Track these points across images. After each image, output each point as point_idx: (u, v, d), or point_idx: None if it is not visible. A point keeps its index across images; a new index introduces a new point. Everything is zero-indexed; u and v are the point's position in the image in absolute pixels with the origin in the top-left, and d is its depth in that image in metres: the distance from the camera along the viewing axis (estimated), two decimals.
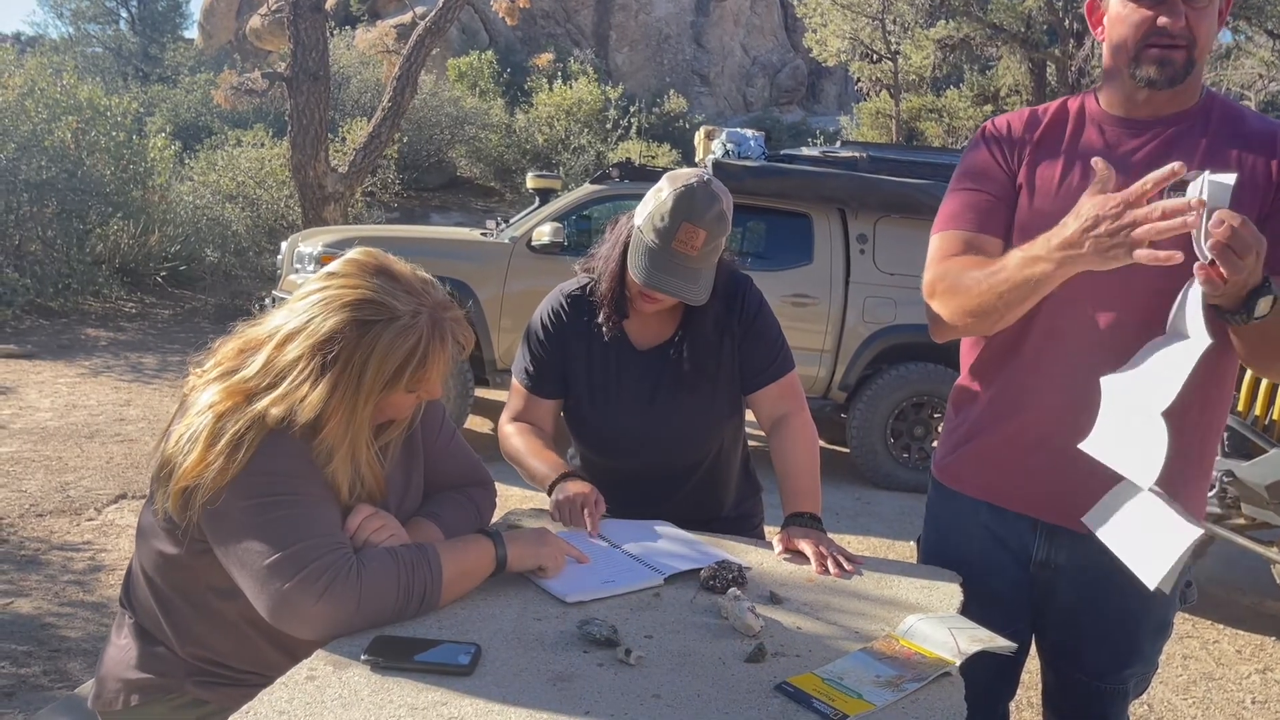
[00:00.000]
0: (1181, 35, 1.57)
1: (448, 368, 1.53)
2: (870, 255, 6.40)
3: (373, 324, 1.43)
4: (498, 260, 6.29)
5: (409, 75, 11.63)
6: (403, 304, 1.45)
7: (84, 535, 4.30)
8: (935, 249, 1.78)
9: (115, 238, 10.97)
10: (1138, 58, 1.61)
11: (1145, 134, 1.66)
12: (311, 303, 1.44)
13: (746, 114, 27.89)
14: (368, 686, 1.22)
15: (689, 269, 1.87)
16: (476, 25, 25.45)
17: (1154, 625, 1.82)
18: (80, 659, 3.12)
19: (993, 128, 1.81)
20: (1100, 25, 1.70)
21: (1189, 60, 1.59)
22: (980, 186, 1.76)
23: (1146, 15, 1.58)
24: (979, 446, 1.81)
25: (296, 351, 1.41)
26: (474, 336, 1.62)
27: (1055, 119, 1.76)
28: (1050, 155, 1.72)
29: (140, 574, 1.57)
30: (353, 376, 1.42)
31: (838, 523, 5.41)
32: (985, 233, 1.73)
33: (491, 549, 1.53)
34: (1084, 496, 1.61)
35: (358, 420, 1.45)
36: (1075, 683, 1.86)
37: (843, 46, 19.36)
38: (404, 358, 1.44)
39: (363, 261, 1.50)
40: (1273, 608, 4.55)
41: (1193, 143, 1.64)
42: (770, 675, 1.32)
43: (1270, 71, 16.33)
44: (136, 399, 7.08)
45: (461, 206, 18.57)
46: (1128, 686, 1.85)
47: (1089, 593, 1.78)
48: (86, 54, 30.37)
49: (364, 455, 1.48)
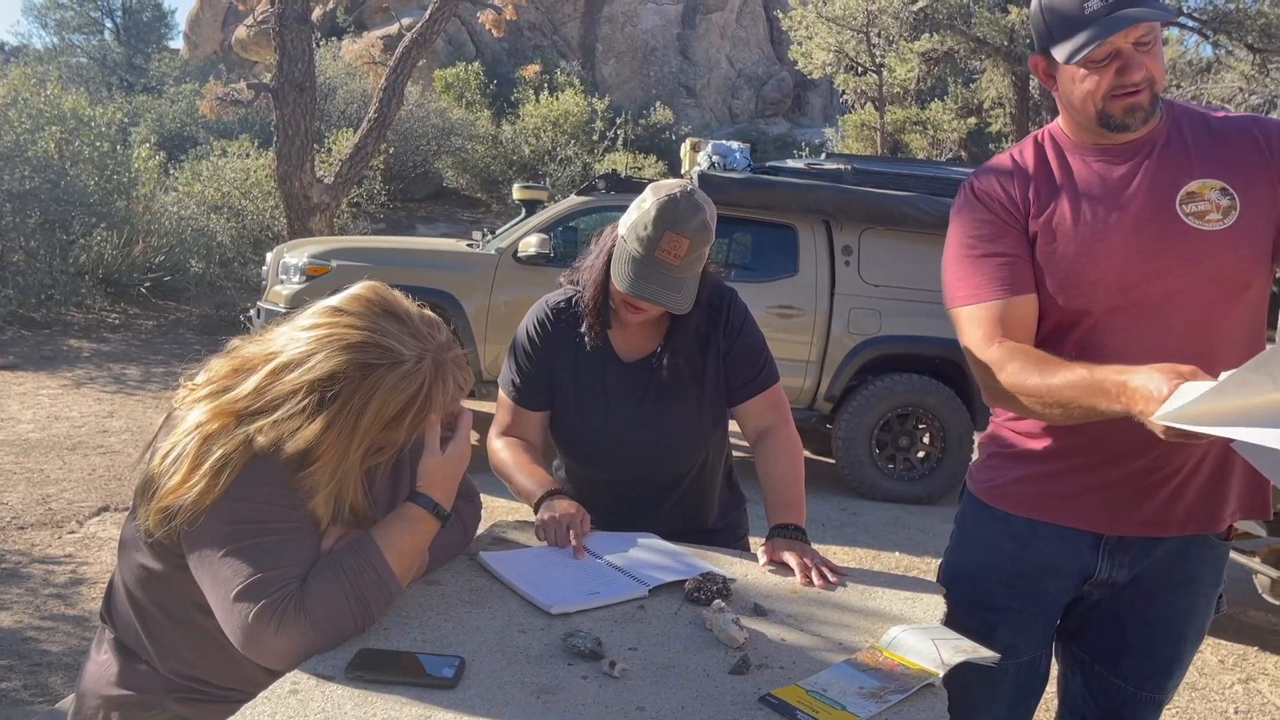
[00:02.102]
0: (1144, 81, 1.58)
1: (449, 409, 1.53)
2: (855, 267, 6.42)
3: (375, 368, 1.41)
4: (484, 271, 6.29)
5: (395, 86, 11.64)
6: (408, 349, 1.44)
7: (65, 548, 4.27)
8: (975, 327, 1.71)
9: (99, 248, 10.91)
10: (1104, 111, 1.62)
11: (1132, 158, 1.67)
12: (315, 337, 1.42)
13: (732, 126, 27.97)
14: (350, 701, 1.22)
15: (672, 278, 1.88)
16: (463, 37, 25.48)
17: (1195, 633, 1.83)
18: (61, 673, 3.10)
19: (985, 189, 1.75)
20: (1050, 80, 1.69)
21: (1153, 97, 1.61)
22: (998, 250, 1.70)
23: (1104, 76, 1.59)
24: (1037, 468, 1.77)
25: (294, 384, 1.40)
26: (473, 377, 1.62)
27: (1038, 161, 1.74)
28: (1054, 197, 1.70)
29: (122, 588, 1.55)
30: (350, 417, 1.40)
31: (823, 533, 5.42)
32: (1020, 294, 1.68)
33: (419, 509, 1.50)
34: (1152, 504, 1.67)
35: (350, 459, 1.43)
36: (1111, 691, 1.86)
37: (828, 59, 19.43)
38: (405, 402, 1.43)
39: (369, 299, 1.48)
40: (1255, 618, 4.58)
41: (1179, 155, 1.66)
42: (755, 687, 1.32)
43: (1250, 85, 16.48)
44: (119, 410, 7.04)
45: (448, 217, 18.55)
46: (1166, 695, 1.85)
47: (1141, 601, 1.79)
48: (71, 64, 30.23)
49: (350, 490, 1.47)
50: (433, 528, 1.51)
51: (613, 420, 2.06)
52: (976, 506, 1.88)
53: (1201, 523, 1.73)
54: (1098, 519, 1.73)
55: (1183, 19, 16.40)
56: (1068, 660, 1.93)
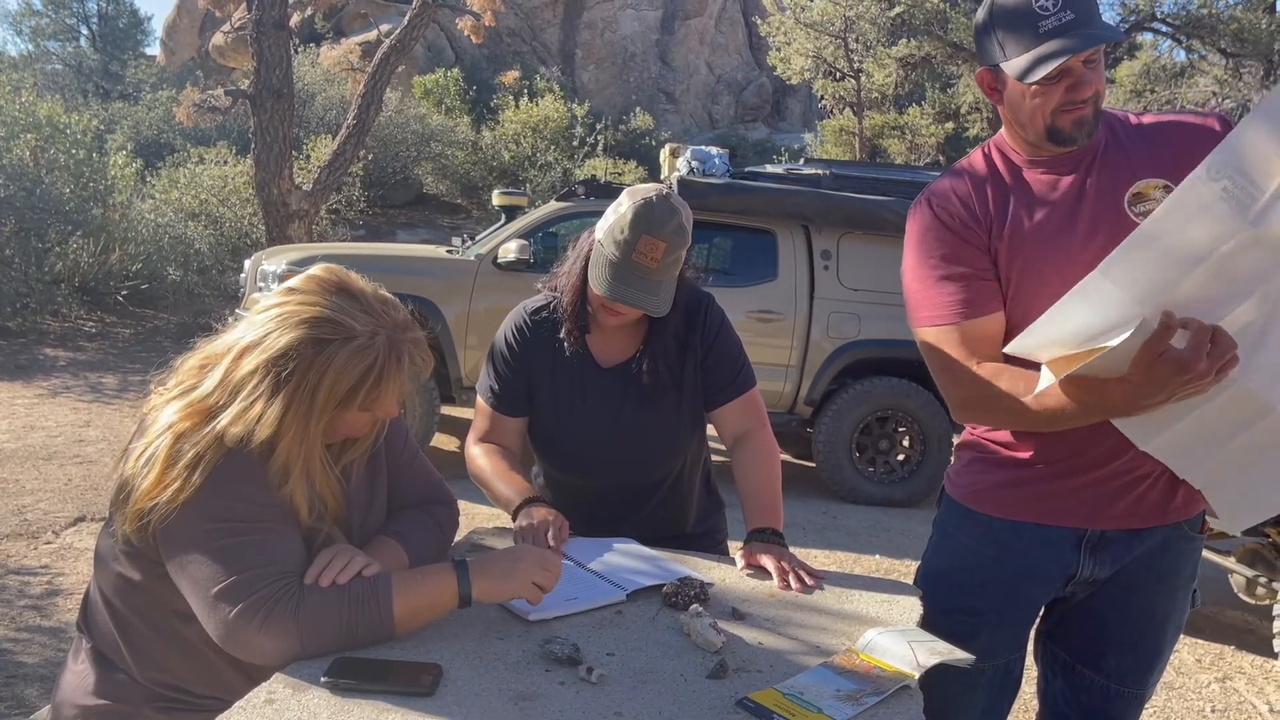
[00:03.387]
0: (1092, 96, 1.61)
1: (404, 389, 1.51)
2: (834, 271, 6.45)
3: (328, 343, 1.41)
4: (464, 277, 6.28)
5: (374, 92, 11.60)
6: (360, 324, 1.44)
7: (41, 559, 4.23)
8: (943, 349, 1.72)
9: (75, 256, 10.80)
10: (1053, 126, 1.64)
11: (1076, 168, 1.69)
12: (269, 317, 1.43)
13: (712, 131, 28.03)
14: (327, 709, 1.21)
15: (650, 281, 1.89)
16: (442, 43, 25.43)
17: (1174, 627, 1.86)
18: (37, 685, 3.07)
19: (943, 207, 1.75)
20: (995, 94, 1.71)
21: (1096, 110, 1.64)
22: (960, 271, 1.71)
23: (1052, 92, 1.61)
24: (1018, 472, 1.79)
25: (251, 365, 1.40)
26: (433, 359, 1.61)
27: (990, 173, 1.75)
28: (1010, 209, 1.71)
29: (99, 598, 1.55)
30: (306, 394, 1.40)
31: (804, 536, 5.43)
32: (986, 314, 1.70)
33: (454, 584, 1.45)
34: (1132, 496, 1.72)
35: (310, 438, 1.43)
36: (1094, 689, 1.87)
37: (806, 65, 19.52)
38: (358, 378, 1.43)
39: (323, 278, 1.48)
40: (1231, 617, 4.62)
41: (1120, 159, 1.68)
42: (732, 691, 1.33)
43: (1223, 89, 16.66)
44: (96, 420, 6.98)
45: (427, 223, 18.50)
46: (1147, 690, 1.87)
47: (1122, 596, 1.81)
48: (46, 71, 30.01)
49: (319, 474, 1.47)
50: (451, 601, 1.45)
51: (591, 425, 2.07)
52: (958, 511, 1.89)
53: (1179, 510, 1.76)
54: (1079, 514, 1.75)
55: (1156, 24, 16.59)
56: (1048, 661, 1.95)
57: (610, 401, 2.07)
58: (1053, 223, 1.68)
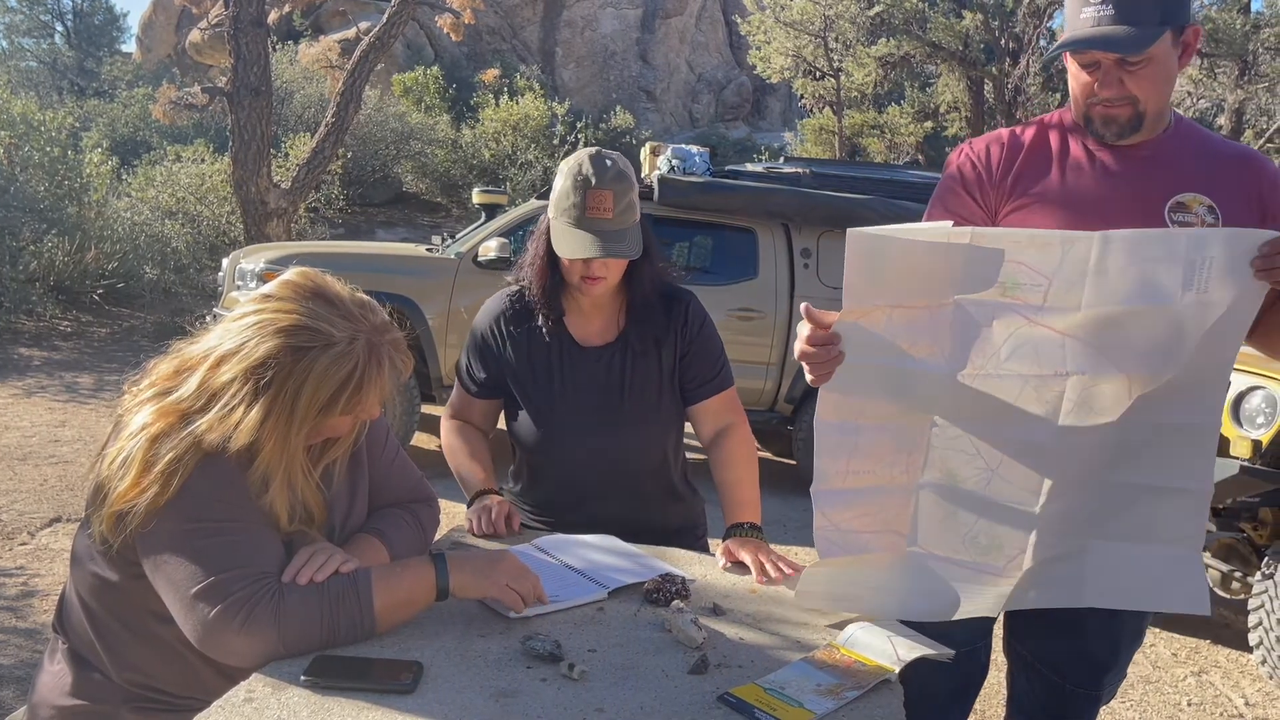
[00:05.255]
0: (1120, 98, 1.61)
1: (385, 391, 1.50)
2: (814, 269, 6.47)
3: (307, 350, 1.40)
4: (443, 276, 6.26)
5: (353, 90, 11.55)
6: (339, 329, 1.42)
7: (16, 560, 4.19)
8: None
9: (50, 255, 10.68)
10: (1088, 114, 1.66)
11: (1132, 158, 1.70)
12: (246, 325, 1.41)
13: (692, 130, 28.05)
14: (307, 708, 1.21)
15: (611, 231, 1.93)
16: (421, 40, 25.32)
17: (1130, 633, 1.86)
18: (13, 686, 3.04)
19: (968, 155, 1.80)
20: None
21: (1135, 115, 1.63)
22: (946, 208, 1.78)
23: (1087, 81, 1.62)
24: None
25: (230, 374, 1.38)
26: (413, 359, 1.60)
27: (1036, 139, 1.77)
28: (1045, 170, 1.73)
29: (75, 599, 1.53)
30: (286, 402, 1.39)
31: (784, 533, 5.45)
32: None
33: (432, 576, 1.46)
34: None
35: (292, 446, 1.42)
36: (1052, 688, 1.89)
37: (786, 64, 19.56)
38: (339, 385, 1.41)
39: (298, 284, 1.47)
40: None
41: (1179, 165, 1.68)
42: (713, 686, 1.33)
43: (1199, 89, 16.82)
44: (72, 420, 6.91)
45: (407, 222, 18.42)
46: (1101, 692, 1.89)
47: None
48: (20, 68, 29.73)
49: (300, 480, 1.46)
50: (429, 594, 1.45)
51: (571, 413, 2.08)
52: None
53: None
54: None
55: None
56: (1013, 658, 1.97)
57: (591, 387, 2.08)
58: (1082, 195, 1.68)
